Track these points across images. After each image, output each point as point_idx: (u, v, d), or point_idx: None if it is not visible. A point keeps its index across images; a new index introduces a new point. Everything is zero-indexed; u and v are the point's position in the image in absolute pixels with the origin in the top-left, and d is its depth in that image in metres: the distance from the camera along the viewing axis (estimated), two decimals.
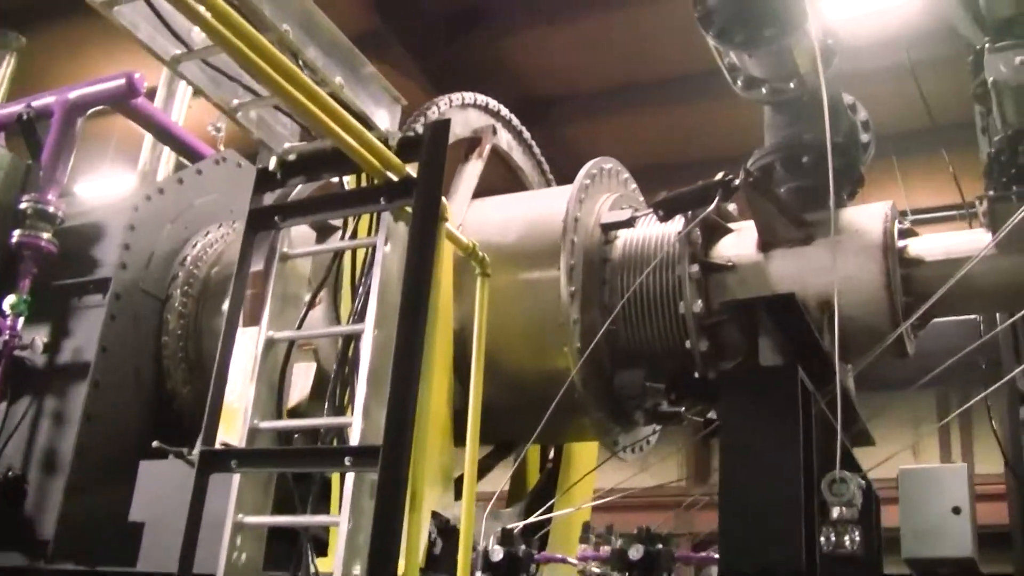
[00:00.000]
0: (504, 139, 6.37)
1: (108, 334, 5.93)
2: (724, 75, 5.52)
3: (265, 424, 4.02)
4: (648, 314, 5.22)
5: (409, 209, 4.02)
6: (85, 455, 5.69)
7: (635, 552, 4.21)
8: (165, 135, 7.02)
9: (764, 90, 5.43)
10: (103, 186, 11.98)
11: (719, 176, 5.10)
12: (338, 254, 4.47)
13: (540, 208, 5.55)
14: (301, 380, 4.97)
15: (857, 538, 3.62)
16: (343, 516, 3.64)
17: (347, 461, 3.62)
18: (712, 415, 5.34)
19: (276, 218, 4.22)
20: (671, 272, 5.18)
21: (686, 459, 20.37)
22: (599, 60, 15.04)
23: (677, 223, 5.31)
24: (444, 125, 4.05)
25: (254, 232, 4.27)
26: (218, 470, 3.90)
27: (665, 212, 5.24)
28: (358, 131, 3.80)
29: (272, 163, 4.27)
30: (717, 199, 5.04)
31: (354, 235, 4.46)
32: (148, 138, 7.49)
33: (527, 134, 6.61)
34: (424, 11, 14.29)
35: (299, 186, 4.36)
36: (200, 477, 3.88)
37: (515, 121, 6.48)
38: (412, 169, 4.04)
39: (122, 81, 6.33)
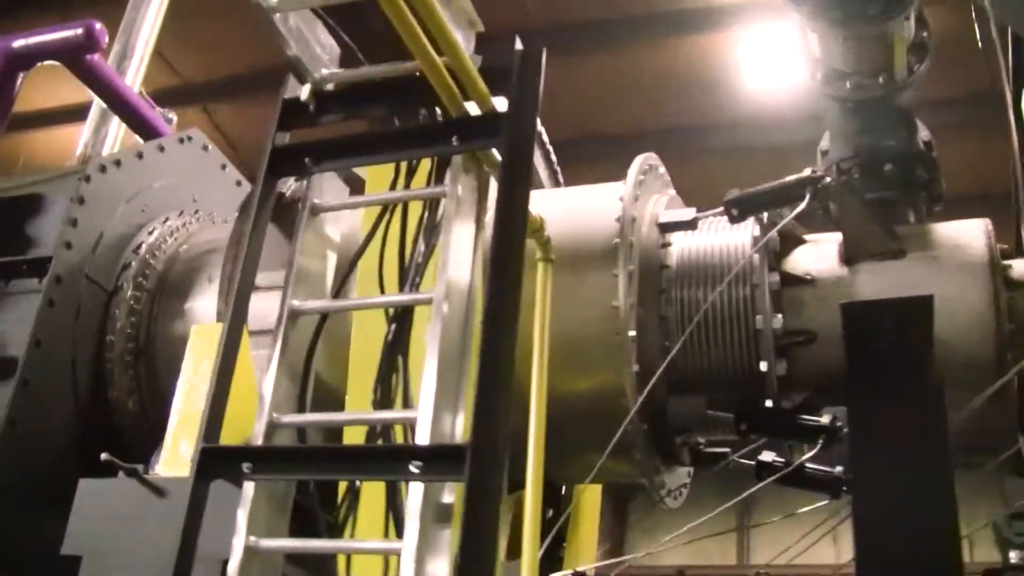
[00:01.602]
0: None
1: (44, 325, 4.88)
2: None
3: (289, 418, 3.03)
4: (713, 330, 4.41)
5: (481, 155, 3.17)
6: (5, 468, 4.63)
7: None
8: (121, 105, 5.98)
9: (848, 84, 4.72)
10: None
11: (807, 172, 4.37)
12: (388, 208, 3.51)
13: (587, 202, 4.70)
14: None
15: None
16: (407, 540, 2.66)
17: (414, 467, 2.65)
18: (764, 457, 4.57)
19: (306, 160, 3.29)
20: (742, 283, 4.40)
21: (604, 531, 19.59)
22: (555, 110, 14.57)
23: (744, 230, 4.57)
24: (538, 53, 3.20)
25: (275, 177, 3.36)
26: (224, 476, 2.91)
27: (739, 212, 4.46)
28: (451, 41, 2.91)
29: (305, 92, 3.36)
30: (808, 198, 4.29)
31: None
32: (93, 113, 6.45)
33: (554, 155, 5.70)
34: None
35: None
36: (199, 485, 2.88)
37: (544, 136, 5.56)
38: None
39: (79, 31, 5.34)
